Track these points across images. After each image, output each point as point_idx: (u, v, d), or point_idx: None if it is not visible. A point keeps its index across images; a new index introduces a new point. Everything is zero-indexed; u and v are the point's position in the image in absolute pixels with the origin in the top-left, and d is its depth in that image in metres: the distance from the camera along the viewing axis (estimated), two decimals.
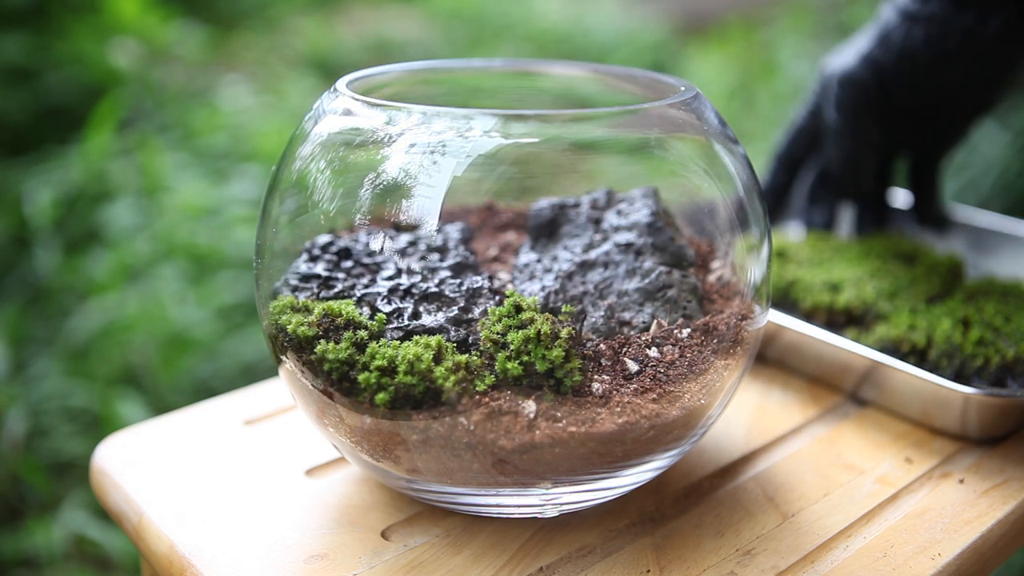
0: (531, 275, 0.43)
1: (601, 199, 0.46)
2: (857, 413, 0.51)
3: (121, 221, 1.26)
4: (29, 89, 1.56)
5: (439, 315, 0.38)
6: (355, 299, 0.39)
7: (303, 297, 0.40)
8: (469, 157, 0.38)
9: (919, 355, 0.50)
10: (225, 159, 1.50)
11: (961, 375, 0.49)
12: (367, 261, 0.42)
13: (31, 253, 1.24)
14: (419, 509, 0.42)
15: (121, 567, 0.96)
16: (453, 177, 0.38)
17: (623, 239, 0.43)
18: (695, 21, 2.94)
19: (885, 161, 0.66)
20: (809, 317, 0.55)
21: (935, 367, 0.50)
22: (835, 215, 0.67)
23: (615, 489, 0.39)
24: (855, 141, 0.59)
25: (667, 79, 0.44)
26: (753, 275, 0.41)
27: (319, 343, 0.37)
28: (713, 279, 0.43)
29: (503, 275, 0.45)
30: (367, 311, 0.38)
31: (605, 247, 0.43)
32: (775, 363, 0.55)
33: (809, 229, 0.67)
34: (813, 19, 2.40)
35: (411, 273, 0.41)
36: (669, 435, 0.37)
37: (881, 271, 0.58)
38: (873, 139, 0.60)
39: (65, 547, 0.95)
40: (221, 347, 1.18)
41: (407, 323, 0.37)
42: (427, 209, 0.38)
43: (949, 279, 0.57)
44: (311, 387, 0.38)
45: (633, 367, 0.37)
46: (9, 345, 1.12)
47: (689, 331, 0.39)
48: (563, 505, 0.39)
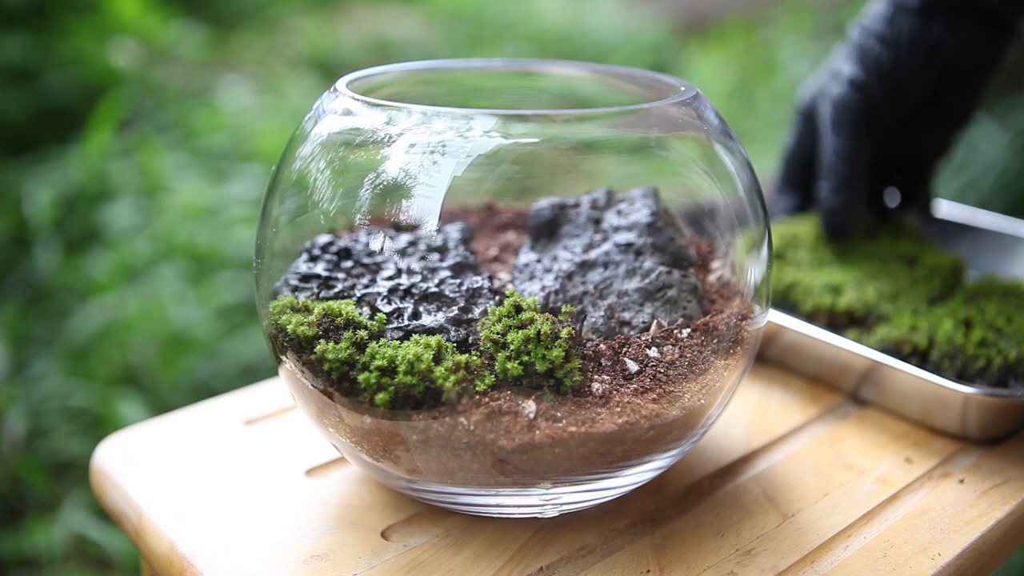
0: (531, 275, 0.43)
1: (601, 199, 0.46)
2: (857, 413, 0.51)
3: (121, 221, 1.26)
4: (29, 89, 1.56)
5: (439, 315, 0.38)
6: (355, 299, 0.39)
7: (303, 297, 0.40)
8: (469, 157, 0.38)
9: (921, 356, 0.50)
10: (225, 159, 1.50)
11: (963, 376, 0.49)
12: (367, 261, 0.42)
13: (31, 253, 1.24)
14: (419, 509, 0.42)
15: (121, 567, 0.96)
16: (453, 177, 0.38)
17: (623, 239, 0.43)
18: (695, 21, 2.94)
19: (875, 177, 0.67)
20: (810, 319, 0.54)
21: (937, 368, 0.50)
22: (802, 202, 0.67)
23: (615, 489, 0.39)
24: (855, 166, 0.60)
25: (667, 79, 0.44)
26: (753, 275, 0.41)
27: (319, 343, 0.37)
28: (713, 279, 0.43)
29: (503, 275, 0.45)
30: (367, 311, 0.38)
31: (605, 247, 0.43)
32: (775, 363, 0.55)
33: (777, 217, 0.67)
34: (813, 19, 2.40)
35: (411, 273, 0.41)
36: (669, 435, 0.37)
37: (882, 273, 0.57)
38: (868, 160, 0.62)
39: (65, 547, 0.95)
40: (221, 347, 1.17)
41: (407, 323, 0.37)
42: (427, 209, 0.38)
43: (950, 280, 0.57)
44: (311, 387, 0.38)
45: (633, 367, 0.37)
46: (9, 345, 1.12)
47: (689, 331, 0.39)
48: (563, 505, 0.39)
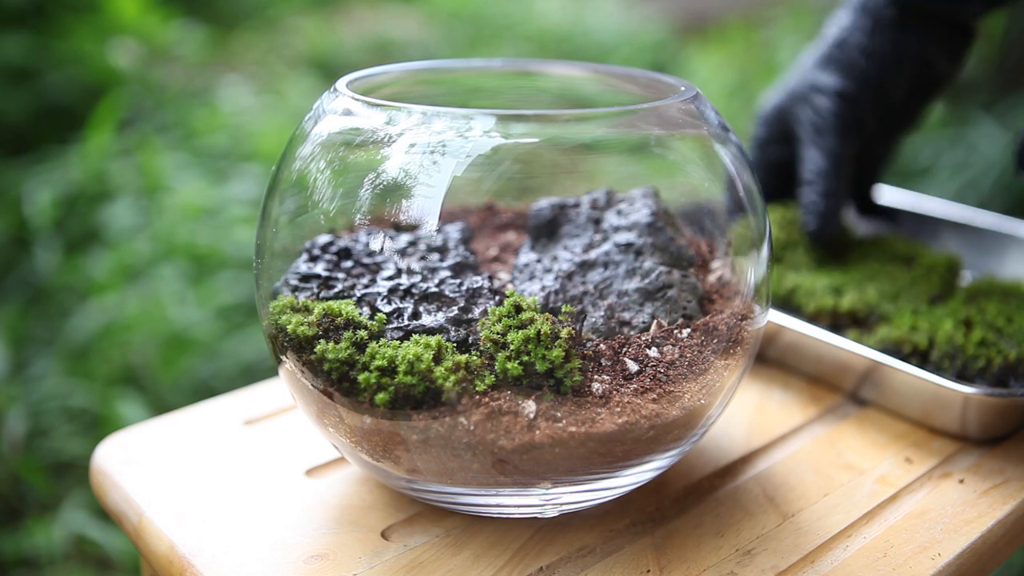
0: (531, 275, 0.43)
1: (601, 199, 0.46)
2: (857, 413, 0.51)
3: (121, 221, 1.26)
4: (29, 89, 1.56)
5: (439, 315, 0.38)
6: (355, 299, 0.39)
7: (303, 297, 0.40)
8: (469, 157, 0.38)
9: (921, 356, 0.50)
10: (225, 159, 1.50)
11: (963, 376, 0.49)
12: (367, 261, 0.42)
13: (31, 253, 1.24)
14: (419, 509, 0.42)
15: (121, 567, 0.96)
16: (453, 177, 0.38)
17: (623, 239, 0.43)
18: (695, 21, 2.94)
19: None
20: (813, 321, 0.54)
21: (937, 368, 0.50)
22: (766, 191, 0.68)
23: (615, 489, 0.39)
24: (843, 171, 0.60)
25: (667, 79, 0.44)
26: (753, 275, 0.41)
27: (319, 343, 0.37)
28: (713, 279, 0.43)
29: (503, 275, 0.45)
30: (367, 311, 0.38)
31: (605, 247, 0.43)
32: (775, 363, 0.55)
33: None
34: (813, 19, 2.40)
35: (411, 273, 0.41)
36: (669, 435, 0.37)
37: (880, 273, 0.58)
38: (853, 166, 0.62)
39: (65, 547, 0.95)
40: (221, 347, 1.17)
41: (407, 323, 0.37)
42: (427, 209, 0.38)
43: (948, 279, 0.58)
44: (311, 387, 0.38)
45: (633, 367, 0.37)
46: (9, 345, 1.12)
47: (689, 331, 0.39)
48: (563, 505, 0.39)
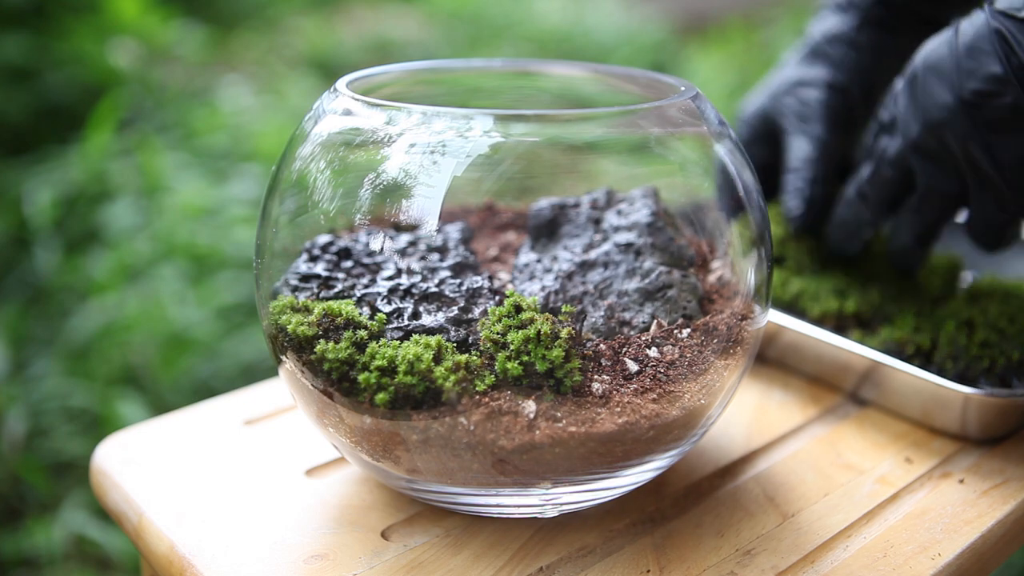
0: (531, 275, 0.43)
1: (601, 199, 0.46)
2: (857, 413, 0.51)
3: (121, 221, 1.26)
4: (29, 89, 1.56)
5: (439, 315, 0.38)
6: (355, 299, 0.39)
7: (303, 297, 0.40)
8: (469, 157, 0.38)
9: (924, 357, 0.50)
10: (225, 159, 1.50)
11: (966, 377, 0.49)
12: (367, 261, 0.42)
13: (31, 253, 1.24)
14: (419, 509, 0.42)
15: (121, 567, 0.96)
16: (453, 177, 0.38)
17: (623, 239, 0.43)
18: (695, 21, 2.94)
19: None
20: (819, 325, 0.54)
21: (940, 369, 0.49)
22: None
23: (615, 489, 0.39)
24: (831, 160, 0.61)
25: (667, 79, 0.44)
26: (753, 275, 0.41)
27: (319, 343, 0.37)
28: (713, 279, 0.43)
29: (503, 275, 0.45)
30: (367, 311, 0.38)
31: (605, 247, 0.43)
32: (775, 363, 0.55)
33: None
34: (813, 19, 2.40)
35: (411, 273, 0.41)
36: (669, 435, 0.37)
37: (882, 274, 0.57)
38: (838, 158, 0.63)
39: (65, 547, 0.95)
40: (221, 347, 1.17)
41: (407, 323, 0.37)
42: (427, 209, 0.38)
43: (948, 279, 0.58)
44: (311, 387, 0.38)
45: (633, 367, 0.37)
46: (9, 345, 1.12)
47: (689, 331, 0.39)
48: (563, 505, 0.39)
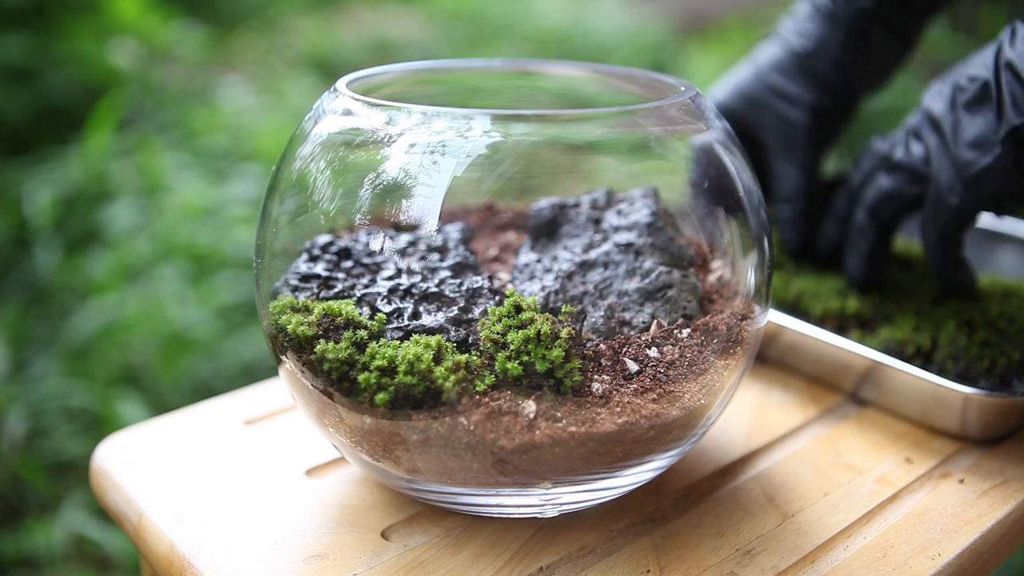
0: (531, 275, 0.43)
1: (601, 199, 0.46)
2: (857, 413, 0.51)
3: (121, 221, 1.26)
4: (29, 89, 1.56)
5: (439, 315, 0.38)
6: (355, 299, 0.39)
7: (303, 297, 0.40)
8: (469, 157, 0.38)
9: (925, 357, 0.50)
10: (225, 159, 1.50)
11: (967, 377, 0.49)
12: (367, 261, 0.42)
13: (31, 253, 1.24)
14: (419, 509, 0.42)
15: (121, 567, 0.96)
16: (453, 177, 0.38)
17: (623, 239, 0.43)
18: (695, 21, 2.94)
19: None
20: (820, 324, 0.54)
21: (941, 369, 0.49)
22: None
23: (615, 489, 0.39)
24: (815, 185, 0.61)
25: (667, 79, 0.44)
26: (753, 275, 0.41)
27: (319, 343, 0.37)
28: (713, 279, 0.43)
29: (503, 275, 0.45)
30: (367, 311, 0.38)
31: (605, 247, 0.43)
32: (775, 363, 0.55)
33: None
34: None
35: (411, 273, 0.41)
36: (669, 435, 0.37)
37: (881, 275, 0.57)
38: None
39: (65, 547, 0.95)
40: (221, 347, 1.17)
41: (407, 323, 0.37)
42: (427, 209, 0.38)
43: None
44: (311, 387, 0.38)
45: (633, 367, 0.37)
46: (9, 345, 1.12)
47: (689, 331, 0.39)
48: (563, 505, 0.39)
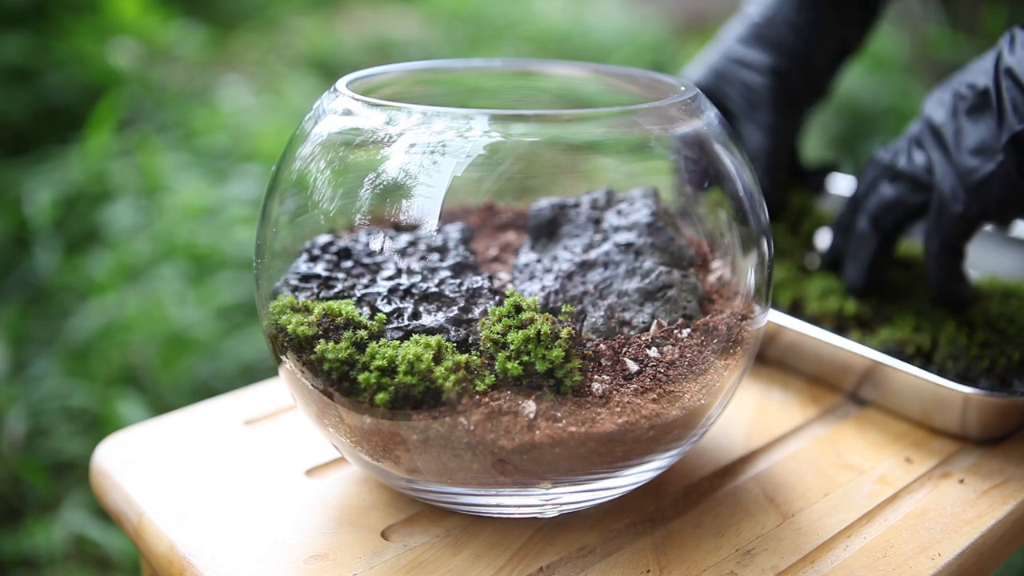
0: (531, 275, 0.43)
1: (601, 199, 0.46)
2: (857, 413, 0.51)
3: (121, 221, 1.26)
4: (29, 89, 1.56)
5: (439, 315, 0.38)
6: (355, 299, 0.39)
7: (303, 297, 0.40)
8: (469, 157, 0.38)
9: (925, 357, 0.50)
10: (225, 159, 1.50)
11: (967, 377, 0.49)
12: (367, 261, 0.42)
13: (31, 253, 1.24)
14: (419, 509, 0.42)
15: (121, 567, 0.96)
16: (453, 177, 0.38)
17: (623, 239, 0.43)
18: (695, 21, 2.94)
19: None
20: (820, 324, 0.54)
21: (941, 369, 0.49)
22: None
23: (615, 489, 0.39)
24: (782, 146, 0.62)
25: (667, 79, 0.44)
26: (753, 275, 0.41)
27: (319, 343, 0.37)
28: (713, 279, 0.43)
29: (503, 275, 0.45)
30: (367, 311, 0.38)
31: (605, 247, 0.43)
32: (775, 363, 0.55)
33: None
34: None
35: (411, 273, 0.41)
36: (669, 435, 0.37)
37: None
38: (790, 140, 0.64)
39: (65, 547, 0.95)
40: (221, 347, 1.17)
41: (407, 323, 0.37)
42: (427, 209, 0.38)
43: None
44: (311, 387, 0.38)
45: (633, 367, 0.37)
46: (9, 345, 1.12)
47: (689, 331, 0.39)
48: (563, 505, 0.39)
